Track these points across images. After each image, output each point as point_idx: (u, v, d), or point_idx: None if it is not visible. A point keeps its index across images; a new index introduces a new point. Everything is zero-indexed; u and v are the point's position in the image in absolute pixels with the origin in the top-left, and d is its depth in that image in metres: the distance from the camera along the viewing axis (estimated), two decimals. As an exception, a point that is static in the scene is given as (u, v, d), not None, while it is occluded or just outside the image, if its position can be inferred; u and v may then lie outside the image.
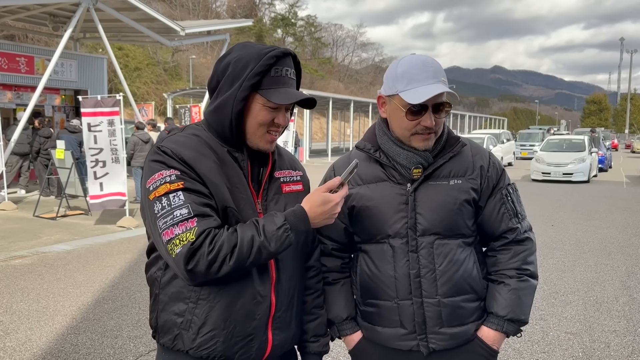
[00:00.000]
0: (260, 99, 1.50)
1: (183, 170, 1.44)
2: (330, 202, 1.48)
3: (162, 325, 1.53)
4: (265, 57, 1.47)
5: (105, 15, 12.82)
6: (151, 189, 1.44)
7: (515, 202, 1.77)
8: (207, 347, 1.48)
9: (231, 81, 1.49)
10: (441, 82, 1.62)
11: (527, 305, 1.74)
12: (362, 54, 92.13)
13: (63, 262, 6.72)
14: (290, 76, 1.54)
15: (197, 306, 1.48)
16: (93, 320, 4.69)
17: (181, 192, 1.41)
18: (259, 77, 1.47)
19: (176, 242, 1.37)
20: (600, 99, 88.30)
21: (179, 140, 1.50)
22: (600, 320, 4.78)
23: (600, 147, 21.94)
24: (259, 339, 1.53)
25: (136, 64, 39.82)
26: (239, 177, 1.53)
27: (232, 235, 1.40)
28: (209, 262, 1.37)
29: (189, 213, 1.39)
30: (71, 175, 9.61)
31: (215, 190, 1.46)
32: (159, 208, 1.42)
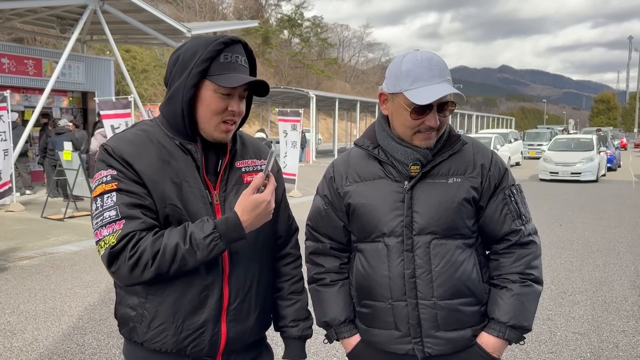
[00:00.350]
0: (211, 86, 1.47)
1: (120, 169, 1.44)
2: (261, 202, 1.44)
3: (120, 318, 1.57)
4: (213, 44, 1.46)
5: (111, 17, 12.88)
6: (92, 188, 1.48)
7: (519, 203, 1.70)
8: (157, 341, 1.50)
9: (181, 70, 1.48)
10: (446, 81, 1.59)
11: (530, 311, 1.67)
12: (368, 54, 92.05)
13: (70, 262, 6.75)
14: (242, 63, 1.50)
15: (147, 301, 1.49)
16: (99, 320, 4.70)
17: (115, 193, 1.42)
18: (207, 63, 1.45)
19: (102, 244, 1.40)
20: (608, 97, 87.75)
21: (123, 137, 1.51)
22: (608, 320, 4.74)
23: (608, 146, 21.80)
24: (210, 331, 1.51)
25: (143, 65, 39.95)
26: (190, 169, 1.50)
27: (157, 241, 1.39)
28: (130, 266, 1.38)
29: (117, 215, 1.40)
30: (78, 176, 9.66)
31: (154, 187, 1.45)
32: (94, 208, 1.45)
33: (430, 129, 1.61)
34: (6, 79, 13.55)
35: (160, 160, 1.48)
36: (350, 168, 1.77)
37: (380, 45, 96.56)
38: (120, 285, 1.50)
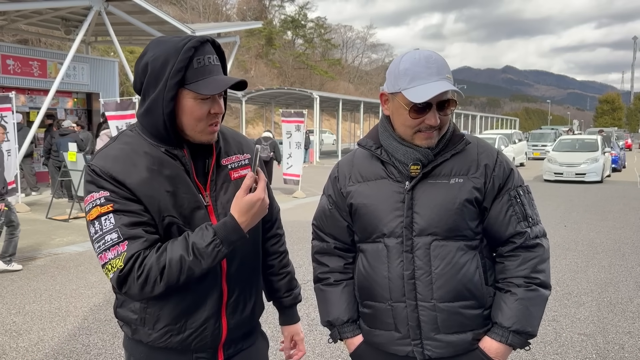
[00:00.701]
0: (190, 94, 1.44)
1: (112, 190, 1.42)
2: (256, 202, 1.45)
3: (122, 319, 1.60)
4: (183, 50, 1.41)
5: (116, 19, 12.91)
6: (86, 211, 1.46)
7: (525, 204, 1.66)
8: (162, 341, 1.54)
9: (154, 81, 1.44)
10: (445, 79, 1.57)
11: (535, 316, 1.63)
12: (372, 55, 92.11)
13: (75, 263, 6.77)
14: (214, 62, 1.48)
15: (148, 305, 1.52)
16: (104, 321, 4.71)
17: (111, 215, 1.41)
18: (181, 72, 1.42)
19: (109, 268, 1.41)
20: (613, 98, 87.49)
21: (108, 155, 1.48)
22: (614, 321, 4.72)
23: (613, 147, 21.71)
24: (212, 326, 1.56)
25: (147, 67, 40.01)
26: (181, 175, 1.50)
27: (161, 256, 1.41)
28: (140, 285, 1.40)
29: (118, 237, 1.40)
30: (83, 177, 9.69)
31: (149, 202, 1.44)
32: (92, 232, 1.44)
33: (430, 128, 1.60)
34: (11, 80, 13.60)
35: (150, 171, 1.46)
36: (354, 168, 1.77)
37: (383, 46, 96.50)
38: (133, 300, 1.53)
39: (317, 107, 27.25)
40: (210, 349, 1.59)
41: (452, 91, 1.60)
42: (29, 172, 12.59)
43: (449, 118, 1.65)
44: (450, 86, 1.57)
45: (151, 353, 1.58)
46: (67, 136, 11.45)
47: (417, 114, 1.59)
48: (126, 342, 1.65)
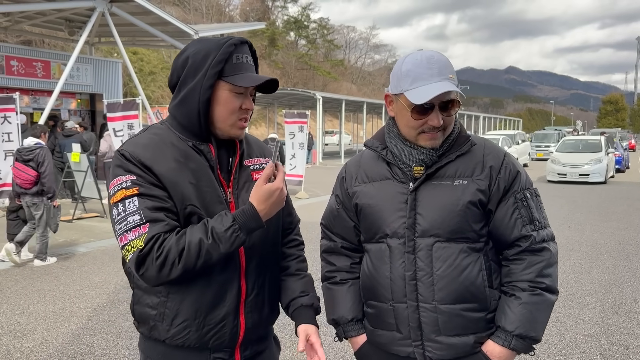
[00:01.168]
0: (226, 86, 1.52)
1: (139, 174, 1.47)
2: (275, 191, 1.50)
3: (139, 317, 1.60)
4: (224, 45, 1.51)
5: (119, 20, 12.96)
6: (111, 194, 1.49)
7: (532, 208, 1.64)
8: (180, 337, 1.54)
9: (193, 72, 1.52)
10: (448, 79, 1.57)
11: (539, 321, 1.60)
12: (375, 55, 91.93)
13: (79, 264, 6.78)
14: (250, 62, 1.57)
15: (168, 299, 1.53)
16: (108, 321, 4.72)
17: (136, 198, 1.45)
18: (221, 64, 1.51)
19: (128, 248, 1.43)
20: (616, 99, 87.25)
21: (138, 142, 1.53)
22: (618, 322, 4.70)
23: (617, 148, 21.65)
24: (231, 324, 1.57)
25: (150, 68, 40.11)
26: (204, 170, 1.54)
27: (181, 239, 1.43)
28: (158, 266, 1.41)
29: (141, 219, 1.43)
30: (87, 177, 9.71)
31: (174, 190, 1.48)
32: (115, 214, 1.47)
33: (434, 129, 1.60)
34: (15, 81, 13.65)
35: (177, 162, 1.51)
36: (360, 169, 1.78)
37: (386, 46, 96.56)
38: (149, 285, 1.52)
39: (320, 107, 27.26)
40: (228, 348, 1.60)
41: (456, 92, 1.59)
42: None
43: (453, 119, 1.65)
44: (452, 87, 1.56)
45: (169, 352, 1.58)
46: (71, 137, 11.48)
47: (419, 114, 1.59)
48: (142, 344, 1.65)
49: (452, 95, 1.58)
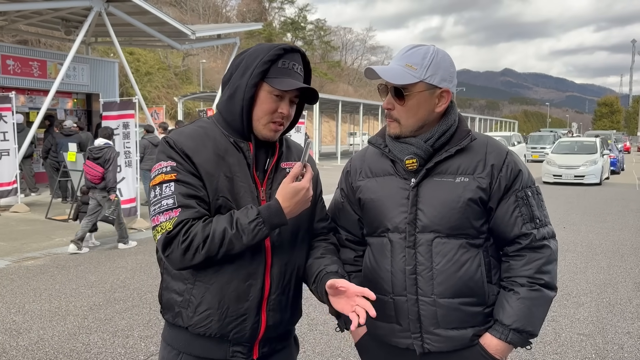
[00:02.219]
0: (267, 87, 1.58)
1: (179, 161, 1.55)
2: (300, 190, 1.53)
3: (166, 303, 1.65)
4: (274, 48, 1.58)
5: (116, 20, 12.91)
6: (152, 177, 1.58)
7: (533, 206, 1.66)
8: (203, 325, 1.58)
9: (243, 71, 1.59)
10: (401, 65, 1.61)
11: (537, 316, 1.63)
12: (371, 57, 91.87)
13: (75, 263, 6.77)
14: (297, 71, 1.61)
15: (194, 287, 1.58)
16: (104, 320, 4.71)
17: (173, 183, 1.52)
18: (267, 65, 1.56)
19: (158, 229, 1.51)
20: (611, 101, 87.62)
21: (183, 132, 1.62)
22: (613, 322, 4.73)
23: (612, 150, 21.75)
24: (252, 319, 1.59)
25: (147, 68, 40.07)
26: (241, 166, 1.60)
27: (207, 226, 1.49)
28: (183, 250, 1.48)
29: (174, 203, 1.50)
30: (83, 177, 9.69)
31: (209, 180, 1.55)
32: (152, 195, 1.55)
33: (388, 114, 1.68)
34: (11, 80, 13.60)
35: (216, 155, 1.58)
36: (364, 164, 1.81)
37: (383, 48, 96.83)
38: (173, 268, 1.57)
39: (316, 108, 27.27)
40: (247, 343, 1.63)
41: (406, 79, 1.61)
42: (29, 173, 12.58)
43: (407, 108, 1.63)
44: (392, 73, 1.61)
45: (191, 341, 1.62)
46: (70, 137, 11.43)
47: (383, 95, 1.68)
48: (165, 333, 1.70)
49: (393, 82, 1.60)
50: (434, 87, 1.63)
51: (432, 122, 1.68)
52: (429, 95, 1.64)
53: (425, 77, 1.61)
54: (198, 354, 1.61)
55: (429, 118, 1.66)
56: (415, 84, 1.61)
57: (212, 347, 1.61)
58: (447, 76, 1.65)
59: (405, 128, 1.66)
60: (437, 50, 1.66)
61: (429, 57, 1.63)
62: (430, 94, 1.64)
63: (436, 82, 1.63)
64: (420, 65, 1.61)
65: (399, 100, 1.64)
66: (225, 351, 1.61)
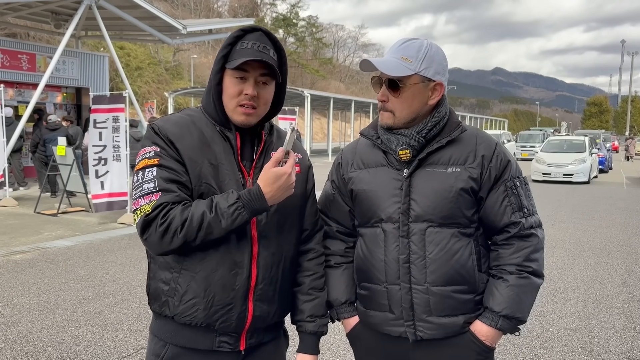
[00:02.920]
0: (228, 71, 1.58)
1: (163, 147, 1.56)
2: (282, 175, 1.53)
3: (153, 292, 1.65)
4: (232, 34, 1.58)
5: (107, 13, 12.82)
6: (136, 162, 1.59)
7: (521, 195, 1.69)
8: (189, 314, 1.57)
9: (214, 61, 1.62)
10: (396, 58, 1.64)
11: (525, 303, 1.67)
12: (363, 54, 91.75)
13: (64, 257, 6.73)
14: (260, 49, 1.55)
15: (180, 275, 1.57)
16: (94, 313, 4.70)
17: (155, 168, 1.54)
18: (227, 49, 1.56)
19: (138, 213, 1.52)
20: (601, 101, 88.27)
21: (170, 119, 1.63)
22: (599, 317, 4.79)
23: (600, 149, 21.95)
24: (238, 308, 1.59)
25: (137, 63, 39.84)
26: (227, 154, 1.60)
27: (185, 210, 1.49)
28: (161, 233, 1.48)
29: (154, 187, 1.51)
30: (72, 171, 9.63)
31: (192, 166, 1.55)
32: (135, 180, 1.57)
33: (382, 106, 1.69)
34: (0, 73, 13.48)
35: (201, 142, 1.59)
36: (356, 155, 1.82)
37: (375, 45, 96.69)
38: (153, 253, 1.58)
39: (308, 105, 27.26)
40: (234, 333, 1.62)
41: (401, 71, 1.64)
42: (17, 167, 12.48)
43: (401, 100, 1.66)
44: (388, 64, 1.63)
45: (177, 331, 1.61)
46: (56, 131, 11.37)
47: (377, 87, 1.72)
48: (153, 325, 1.70)
49: (389, 74, 1.63)
50: (428, 79, 1.66)
51: (424, 114, 1.70)
52: (423, 88, 1.66)
53: (420, 70, 1.64)
54: (184, 344, 1.61)
55: (422, 110, 1.69)
56: (410, 76, 1.64)
57: (199, 337, 1.60)
58: (440, 69, 1.68)
59: (398, 119, 1.68)
60: (430, 44, 1.68)
61: (424, 50, 1.65)
62: (424, 86, 1.66)
63: (430, 74, 1.65)
64: (415, 58, 1.64)
65: (394, 91, 1.66)
66: (212, 341, 1.61)
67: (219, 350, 1.62)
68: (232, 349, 1.63)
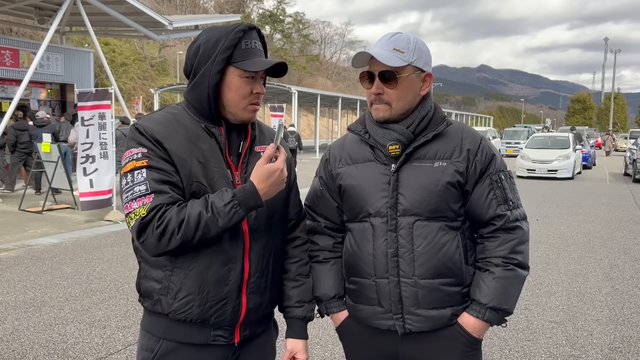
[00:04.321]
0: (236, 71, 1.58)
1: (150, 147, 1.53)
2: (275, 171, 1.54)
3: (144, 291, 1.64)
4: (233, 32, 1.57)
5: (92, 9, 12.68)
6: (122, 165, 1.56)
7: (506, 189, 1.72)
8: (183, 311, 1.58)
9: (205, 59, 1.58)
10: (389, 50, 1.65)
11: (512, 295, 1.69)
12: (350, 51, 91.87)
13: (50, 254, 6.68)
14: (259, 48, 1.62)
15: (173, 273, 1.57)
16: (81, 311, 4.68)
17: (145, 170, 1.51)
18: (230, 50, 1.56)
19: (132, 216, 1.49)
20: (584, 98, 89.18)
21: (153, 118, 1.60)
22: (583, 310, 4.87)
23: (584, 145, 22.22)
24: (233, 302, 1.60)
25: (123, 59, 39.47)
26: (214, 151, 1.60)
27: (181, 211, 1.48)
28: (158, 235, 1.46)
29: (146, 189, 1.49)
30: (57, 168, 9.54)
31: (182, 165, 1.54)
32: (124, 183, 1.53)
33: (376, 99, 1.70)
34: (-18, 69, 13.29)
35: (187, 140, 1.57)
36: (344, 151, 1.84)
37: (362, 42, 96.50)
38: (149, 255, 1.56)
39: (295, 102, 27.24)
40: (229, 326, 1.64)
41: (413, 65, 1.66)
42: (0, 165, 12.33)
43: (398, 91, 1.67)
44: (381, 55, 1.63)
45: (171, 327, 1.61)
46: (44, 127, 11.23)
47: (364, 82, 1.73)
48: (144, 321, 1.68)
49: (385, 66, 1.64)
50: (420, 70, 1.69)
51: (414, 107, 1.73)
52: (416, 78, 1.70)
53: (412, 60, 1.67)
54: (179, 339, 1.61)
55: (414, 101, 1.72)
56: (404, 67, 1.66)
57: (193, 332, 1.61)
58: (428, 60, 1.72)
59: (395, 110, 1.69)
60: (416, 37, 1.72)
61: (413, 42, 1.68)
62: (416, 76, 1.70)
63: (421, 65, 1.69)
64: (407, 49, 1.67)
65: (389, 83, 1.67)
66: (207, 335, 1.62)
67: (214, 344, 1.63)
68: (227, 342, 1.65)
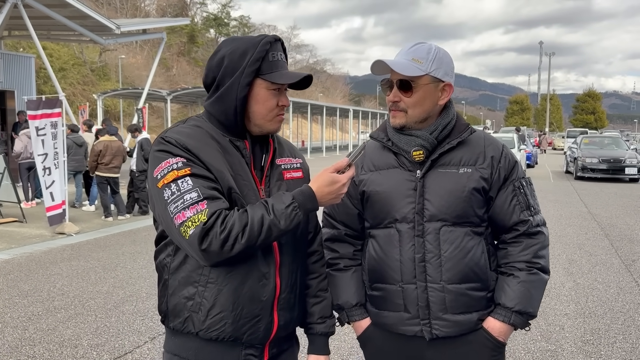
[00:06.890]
0: (264, 84, 1.55)
1: (188, 157, 1.48)
2: (337, 182, 1.52)
3: (172, 309, 1.57)
4: (261, 43, 1.55)
5: (34, 12, 12.14)
6: (159, 177, 1.48)
7: (528, 195, 1.77)
8: (216, 329, 1.53)
9: (231, 71, 1.54)
10: (408, 60, 1.68)
11: (536, 298, 1.73)
12: (296, 55, 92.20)
13: (3, 271, 6.31)
14: (284, 60, 1.61)
15: (206, 289, 1.52)
16: (47, 330, 4.44)
17: (189, 178, 1.46)
18: (259, 62, 1.53)
19: (188, 224, 1.42)
20: (522, 99, 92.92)
21: (182, 131, 1.55)
22: (551, 305, 5.06)
23: (527, 145, 23.13)
24: (266, 319, 1.57)
25: (61, 64, 37.93)
26: (241, 164, 1.57)
27: (243, 214, 1.45)
28: (222, 241, 1.41)
29: (198, 196, 1.43)
30: (2, 180, 9.05)
31: (220, 176, 1.50)
32: (168, 194, 1.46)
33: (393, 106, 1.72)
34: None
35: (218, 152, 1.54)
36: (366, 158, 1.84)
37: (307, 46, 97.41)
38: (207, 263, 1.48)
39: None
40: (260, 344, 1.60)
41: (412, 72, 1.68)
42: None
43: (415, 99, 1.70)
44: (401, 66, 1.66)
45: (202, 347, 1.55)
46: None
47: (387, 90, 1.75)
48: (170, 344, 1.62)
49: (402, 75, 1.66)
50: (438, 80, 1.71)
51: (434, 115, 1.75)
52: (434, 88, 1.71)
53: (430, 71, 1.68)
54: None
55: (433, 110, 1.74)
56: (421, 77, 1.68)
57: (225, 352, 1.56)
58: (449, 71, 1.74)
59: (411, 118, 1.71)
60: (438, 47, 1.74)
61: (433, 52, 1.70)
62: (434, 86, 1.71)
63: (440, 75, 1.70)
64: (425, 60, 1.68)
65: (406, 92, 1.69)
66: (238, 355, 1.58)
67: None
68: None
